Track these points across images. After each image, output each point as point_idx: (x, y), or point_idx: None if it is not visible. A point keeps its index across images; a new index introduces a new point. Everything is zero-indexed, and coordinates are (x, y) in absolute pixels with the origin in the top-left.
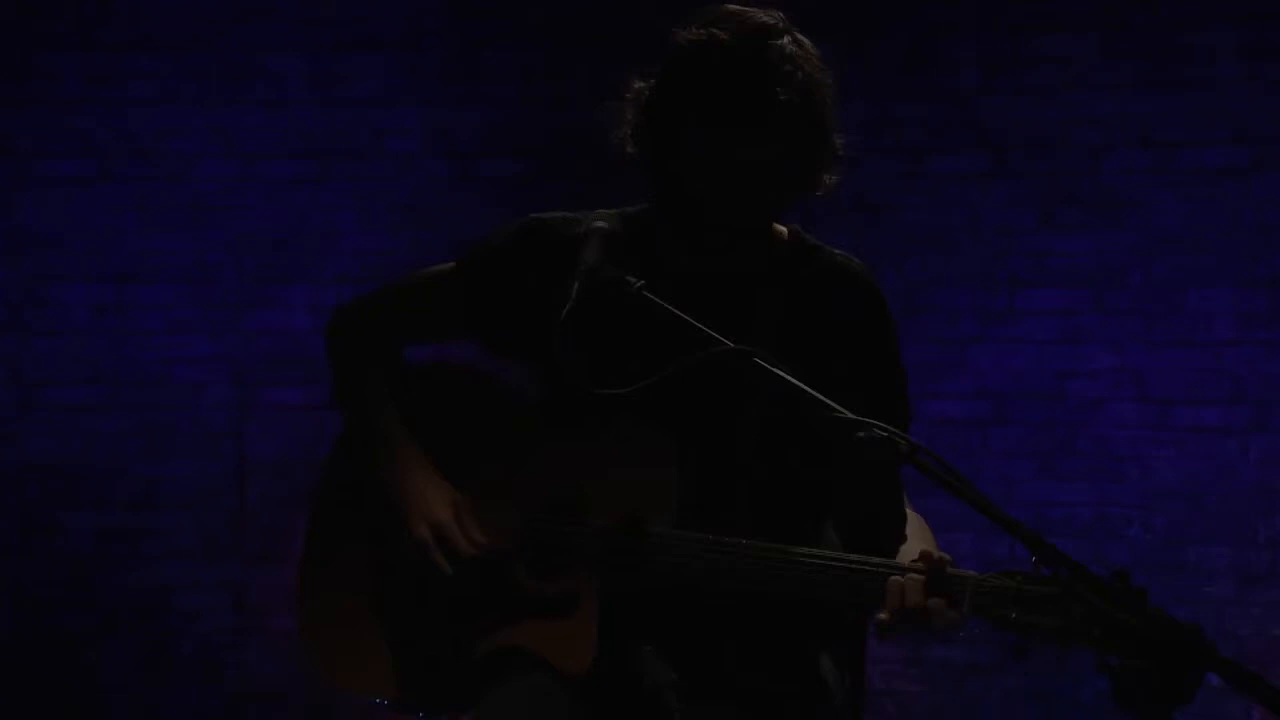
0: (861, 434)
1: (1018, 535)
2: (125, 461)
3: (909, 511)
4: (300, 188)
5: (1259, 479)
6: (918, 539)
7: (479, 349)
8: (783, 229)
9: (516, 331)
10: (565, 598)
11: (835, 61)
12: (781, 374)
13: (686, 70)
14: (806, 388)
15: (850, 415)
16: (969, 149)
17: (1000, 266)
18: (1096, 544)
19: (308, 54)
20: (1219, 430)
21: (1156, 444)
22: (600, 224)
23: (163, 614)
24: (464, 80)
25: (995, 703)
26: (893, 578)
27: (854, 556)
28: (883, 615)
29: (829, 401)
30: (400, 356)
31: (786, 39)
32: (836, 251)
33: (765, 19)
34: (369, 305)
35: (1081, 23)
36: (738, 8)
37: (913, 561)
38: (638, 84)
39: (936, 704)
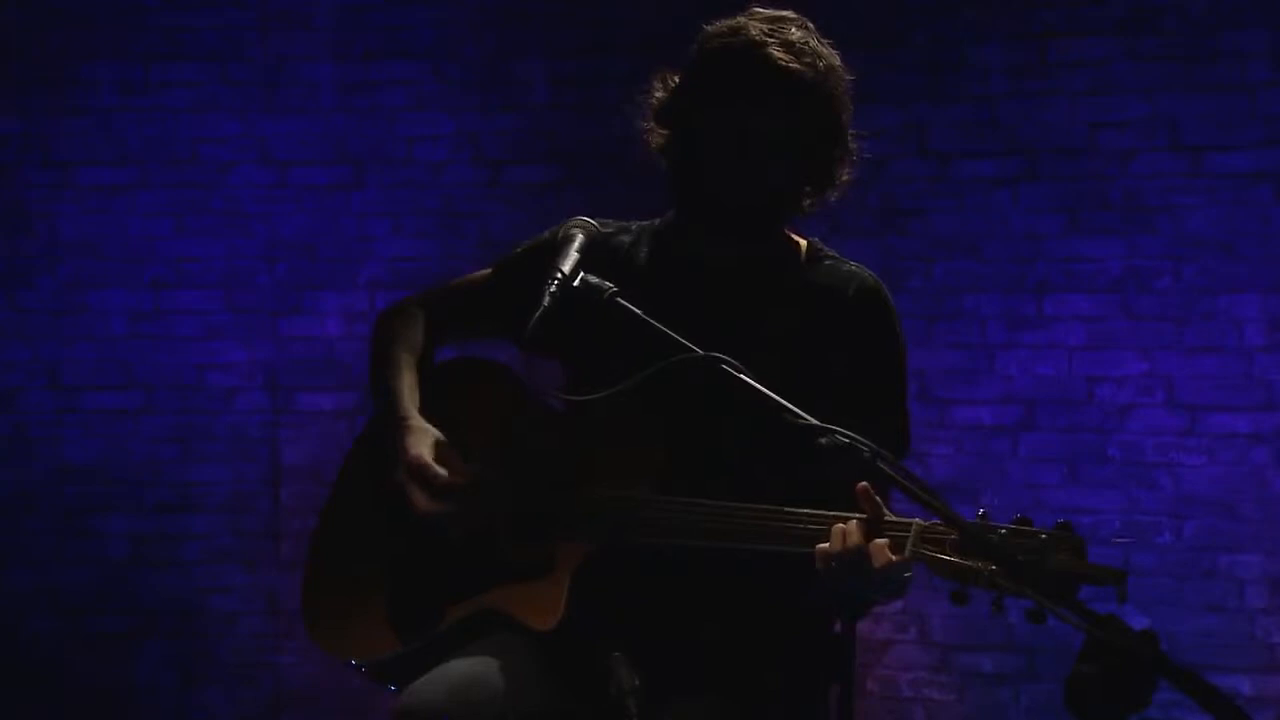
0: (824, 440)
1: (989, 550)
2: (160, 466)
3: None
4: (333, 194)
5: None
6: None
7: (516, 349)
8: (802, 241)
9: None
10: (541, 561)
11: (864, 67)
12: (749, 380)
13: (708, 52)
14: (773, 394)
15: (814, 422)
16: (997, 154)
17: (1029, 271)
18: (1126, 551)
19: (340, 62)
20: (1250, 437)
21: (1186, 450)
22: (577, 230)
23: (198, 617)
24: (494, 88)
25: (1022, 711)
26: (836, 524)
27: (804, 510)
28: (823, 545)
29: (793, 408)
30: (431, 344)
31: (806, 32)
32: (851, 263)
33: (789, 15)
34: (411, 299)
35: (1109, 26)
36: (767, 10)
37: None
38: (666, 74)
39: (964, 713)
